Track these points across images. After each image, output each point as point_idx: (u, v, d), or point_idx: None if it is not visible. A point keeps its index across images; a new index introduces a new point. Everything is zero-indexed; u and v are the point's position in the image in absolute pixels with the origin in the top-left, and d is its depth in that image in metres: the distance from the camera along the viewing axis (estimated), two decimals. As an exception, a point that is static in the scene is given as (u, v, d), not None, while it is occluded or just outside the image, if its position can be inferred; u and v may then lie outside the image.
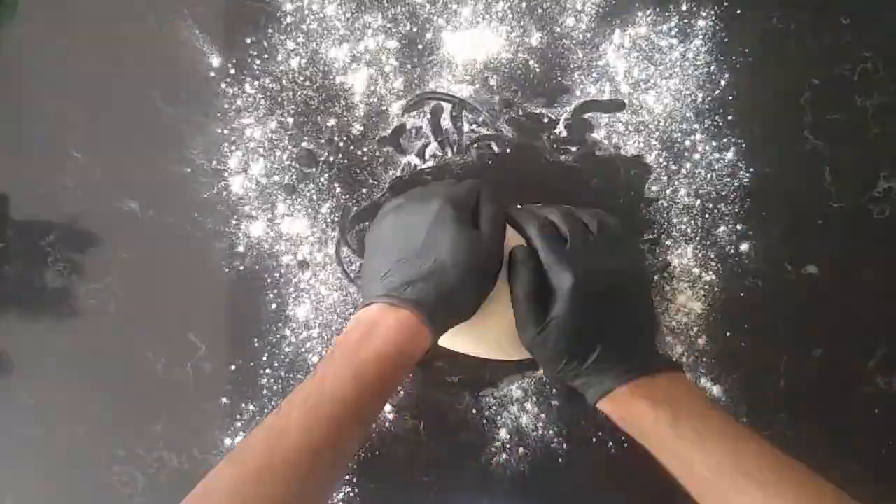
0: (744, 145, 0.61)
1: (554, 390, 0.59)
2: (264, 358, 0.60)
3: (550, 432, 0.59)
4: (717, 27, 0.62)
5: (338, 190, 0.62)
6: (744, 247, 0.60)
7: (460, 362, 0.59)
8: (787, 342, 0.59)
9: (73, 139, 0.63)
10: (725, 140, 0.61)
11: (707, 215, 0.61)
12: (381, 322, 0.44)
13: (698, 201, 0.61)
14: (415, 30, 0.62)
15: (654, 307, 0.53)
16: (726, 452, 0.42)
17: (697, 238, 0.60)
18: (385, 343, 0.44)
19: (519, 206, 0.55)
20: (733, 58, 0.62)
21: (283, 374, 0.60)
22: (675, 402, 0.45)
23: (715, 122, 0.61)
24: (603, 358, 0.47)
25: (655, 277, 0.60)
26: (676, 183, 0.61)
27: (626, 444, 0.58)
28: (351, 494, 0.59)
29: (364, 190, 0.62)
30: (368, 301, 0.46)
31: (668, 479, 0.58)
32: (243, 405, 0.60)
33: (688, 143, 0.61)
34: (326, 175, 0.62)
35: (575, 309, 0.46)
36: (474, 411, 0.59)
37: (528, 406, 0.59)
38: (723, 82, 0.61)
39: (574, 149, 0.61)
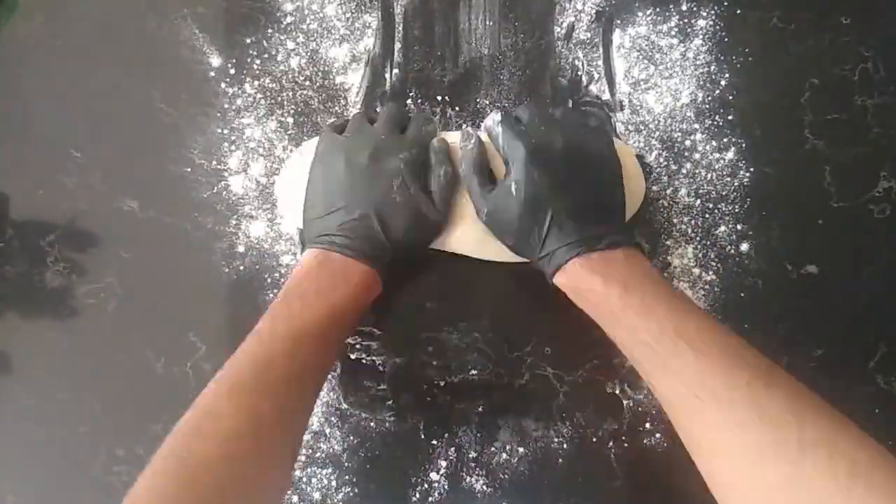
0: (744, 145, 0.61)
1: (555, 391, 0.59)
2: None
3: (550, 432, 0.59)
4: (718, 27, 0.62)
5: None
6: (744, 247, 0.60)
7: (461, 362, 0.59)
8: (788, 342, 0.59)
9: (73, 139, 0.63)
10: (726, 140, 0.61)
11: (707, 215, 0.60)
12: (345, 271, 0.49)
13: (698, 201, 0.61)
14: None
15: (622, 190, 0.52)
16: (669, 321, 0.42)
17: (698, 238, 0.60)
18: (351, 290, 0.49)
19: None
20: (733, 58, 0.62)
21: (283, 374, 0.60)
22: (627, 276, 0.46)
23: (715, 122, 0.61)
24: (558, 229, 0.48)
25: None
26: (676, 183, 0.61)
27: (626, 444, 0.58)
28: (351, 494, 0.59)
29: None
30: (322, 245, 0.50)
31: (668, 480, 0.58)
32: (243, 405, 0.60)
33: (688, 142, 0.61)
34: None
35: (527, 174, 0.48)
36: (475, 411, 0.59)
37: (529, 406, 0.59)
38: (723, 82, 0.61)
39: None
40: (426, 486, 0.58)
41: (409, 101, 0.63)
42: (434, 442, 0.59)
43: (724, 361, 0.39)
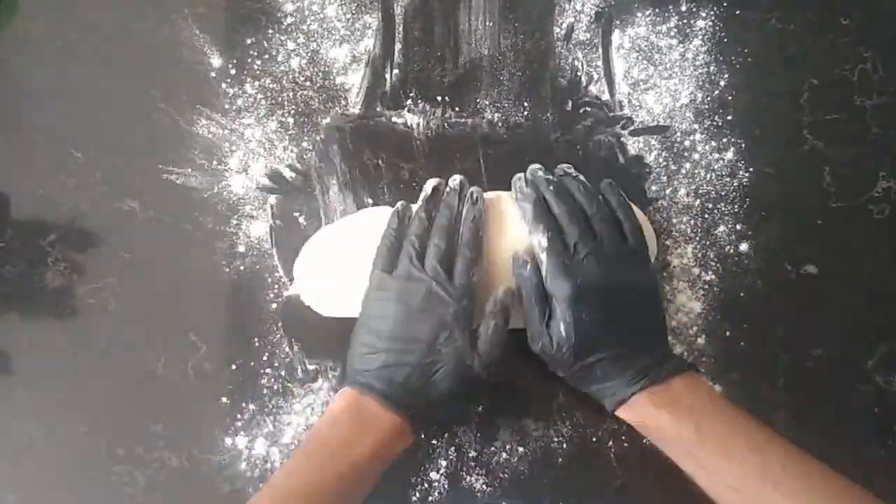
0: (743, 145, 0.61)
1: (555, 390, 0.59)
2: (265, 358, 0.60)
3: (551, 432, 0.59)
4: (717, 27, 0.62)
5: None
6: (743, 247, 0.60)
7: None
8: (787, 342, 0.59)
9: (73, 139, 0.63)
10: (725, 140, 0.61)
11: (707, 215, 0.61)
12: (374, 422, 0.47)
13: (698, 201, 0.61)
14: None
15: (663, 312, 0.52)
16: (752, 462, 0.42)
17: (697, 238, 0.60)
18: (377, 444, 0.46)
19: (526, 177, 0.53)
20: (732, 58, 0.62)
21: (283, 373, 0.60)
22: (696, 409, 0.45)
23: (714, 122, 0.61)
24: (611, 364, 0.47)
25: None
26: (676, 183, 0.61)
27: (626, 444, 0.58)
28: None
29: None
30: (356, 385, 0.48)
31: (669, 480, 0.58)
32: (244, 405, 0.60)
33: (687, 143, 0.61)
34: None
35: (576, 316, 0.47)
36: (475, 411, 0.59)
37: (529, 405, 0.59)
38: (722, 82, 0.62)
39: (578, 150, 0.61)
40: (426, 485, 0.58)
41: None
42: (434, 441, 0.59)
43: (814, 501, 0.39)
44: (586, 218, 0.50)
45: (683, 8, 0.62)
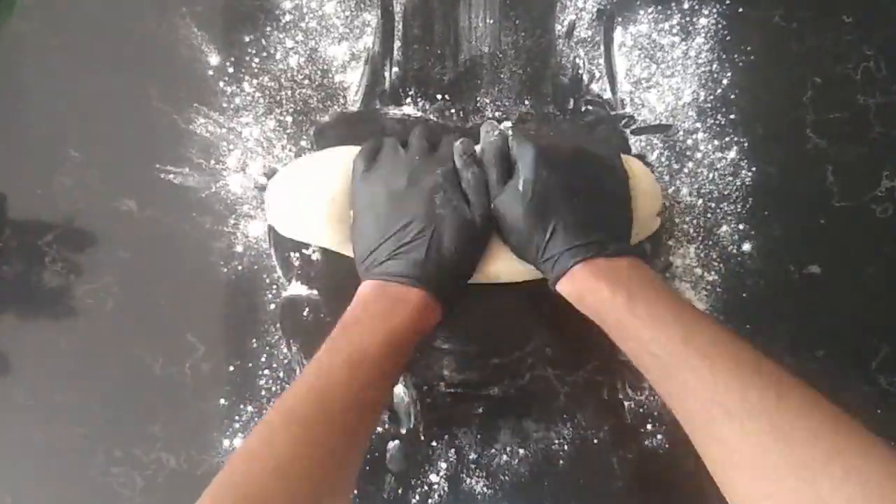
0: (746, 144, 0.60)
1: (555, 392, 0.59)
2: (263, 359, 0.60)
3: (551, 433, 0.59)
4: (719, 25, 0.62)
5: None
6: (746, 246, 0.60)
7: (461, 363, 0.59)
8: (790, 342, 0.59)
9: (70, 138, 0.62)
10: (727, 139, 0.61)
11: (709, 215, 0.60)
12: (402, 297, 0.48)
13: (700, 201, 0.60)
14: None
15: (629, 206, 0.52)
16: (680, 331, 0.41)
17: (700, 238, 0.60)
18: (410, 315, 0.47)
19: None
20: (735, 56, 0.61)
21: (281, 374, 0.60)
22: (633, 284, 0.45)
23: (717, 121, 0.61)
24: (562, 232, 0.48)
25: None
26: (678, 182, 0.61)
27: (627, 446, 0.58)
28: (350, 495, 0.58)
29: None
30: (380, 276, 0.49)
31: (670, 481, 0.58)
32: (242, 406, 0.59)
33: (690, 142, 0.61)
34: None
35: (536, 173, 0.48)
36: (475, 412, 0.59)
37: (529, 407, 0.59)
38: (725, 81, 0.61)
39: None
40: (426, 487, 0.58)
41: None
42: (434, 443, 0.59)
43: (735, 374, 0.38)
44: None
45: (686, 6, 0.62)
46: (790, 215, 0.60)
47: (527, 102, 0.62)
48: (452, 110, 0.62)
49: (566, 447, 0.58)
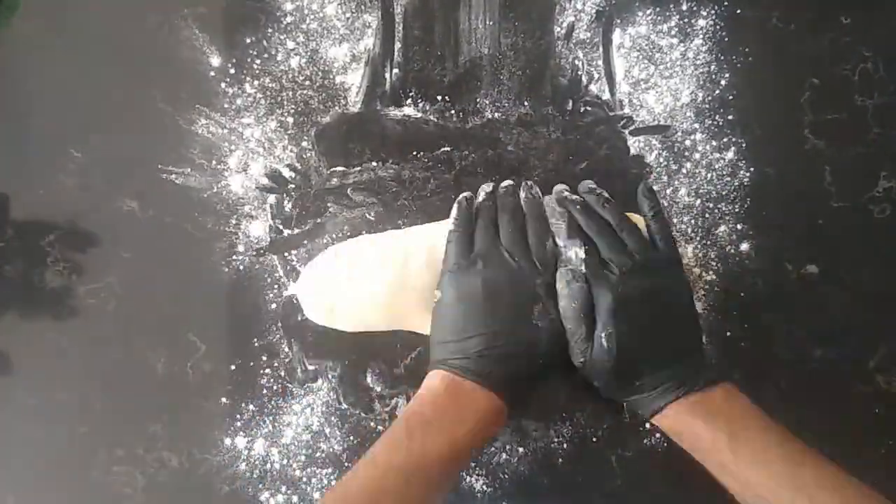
0: (744, 145, 0.61)
1: (555, 391, 0.59)
2: (264, 358, 0.60)
3: (551, 433, 0.59)
4: (718, 27, 0.62)
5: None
6: (744, 246, 0.60)
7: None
8: (788, 342, 0.59)
9: (72, 139, 0.63)
10: (726, 140, 0.61)
11: (707, 215, 0.60)
12: (472, 401, 0.46)
13: (698, 201, 0.61)
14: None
15: (698, 317, 0.51)
16: (785, 474, 0.41)
17: (698, 238, 0.60)
18: (476, 423, 0.46)
19: (558, 198, 0.53)
20: (733, 57, 0.62)
21: (282, 373, 0.60)
22: (732, 419, 0.44)
23: (715, 122, 0.61)
24: (651, 376, 0.47)
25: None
26: (677, 182, 0.61)
27: (626, 445, 0.58)
28: None
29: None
30: (451, 367, 0.47)
31: (669, 480, 0.58)
32: (243, 405, 0.60)
33: (688, 142, 0.61)
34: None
35: (618, 328, 0.46)
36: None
37: (529, 407, 0.59)
38: (723, 82, 0.61)
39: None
40: (426, 486, 0.58)
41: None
42: (434, 442, 0.59)
43: None
44: (614, 232, 0.50)
45: (684, 7, 0.62)
46: (788, 215, 0.60)
47: (526, 103, 0.62)
48: (452, 111, 0.62)
49: (565, 446, 0.58)
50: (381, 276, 0.52)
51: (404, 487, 0.43)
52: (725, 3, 0.62)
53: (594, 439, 0.59)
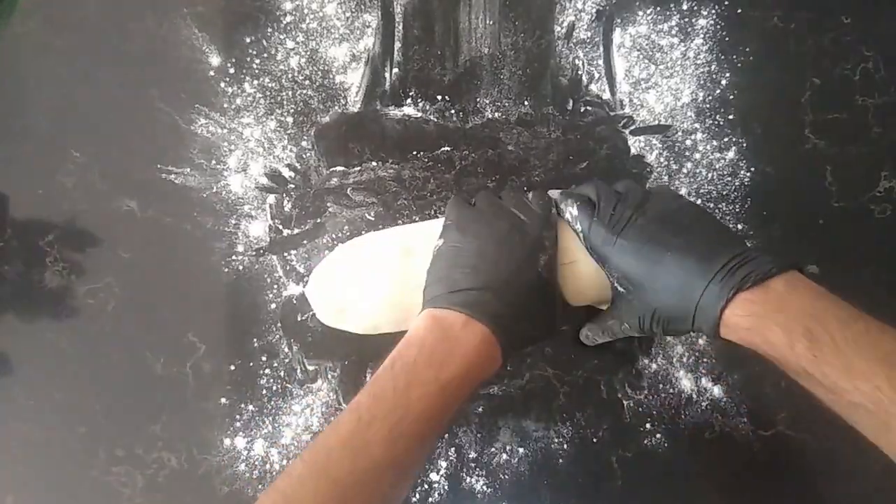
0: (745, 145, 0.61)
1: (555, 391, 0.59)
2: (264, 358, 0.60)
3: (551, 433, 0.59)
4: (718, 26, 0.62)
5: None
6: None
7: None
8: (788, 342, 0.59)
9: (72, 139, 0.63)
10: (726, 139, 0.61)
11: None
12: (461, 337, 0.43)
13: (699, 201, 0.60)
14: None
15: (725, 225, 0.48)
16: (880, 375, 0.35)
17: (698, 238, 0.60)
18: (467, 363, 0.43)
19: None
20: (734, 57, 0.61)
21: (282, 374, 0.60)
22: (806, 316, 0.38)
23: (716, 122, 0.61)
24: (684, 269, 0.41)
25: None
26: (677, 182, 0.61)
27: (626, 445, 0.58)
28: (351, 495, 0.58)
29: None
30: (441, 304, 0.45)
31: (669, 480, 0.58)
32: (243, 405, 0.60)
33: (689, 142, 0.61)
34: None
35: (634, 257, 0.44)
36: (475, 411, 0.59)
37: (529, 406, 0.59)
38: (724, 81, 0.61)
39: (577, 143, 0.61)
40: (426, 486, 0.58)
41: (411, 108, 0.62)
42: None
43: None
44: (602, 183, 0.50)
45: (685, 6, 0.62)
46: (789, 215, 0.60)
47: (526, 103, 0.62)
48: (452, 111, 0.62)
49: (566, 446, 0.58)
50: (387, 276, 0.52)
51: (389, 438, 0.39)
52: (726, 3, 0.62)
53: (594, 439, 0.58)
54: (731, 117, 0.61)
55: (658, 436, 0.58)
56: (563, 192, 0.51)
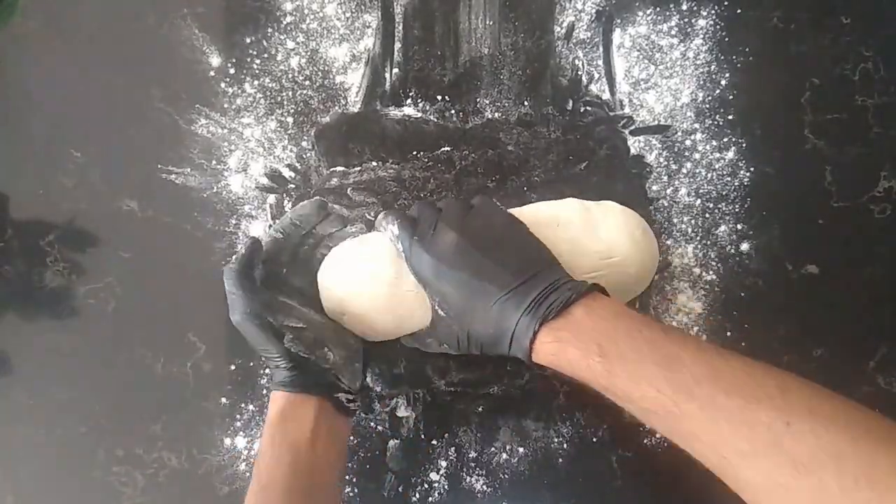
0: (744, 145, 0.61)
1: (555, 391, 0.59)
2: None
3: (551, 433, 0.59)
4: (718, 26, 0.62)
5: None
6: (744, 246, 0.60)
7: (461, 362, 0.59)
8: (788, 342, 0.59)
9: (72, 139, 0.63)
10: (726, 139, 0.61)
11: (707, 215, 0.60)
12: (300, 413, 0.49)
13: (699, 201, 0.61)
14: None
15: (537, 240, 0.47)
16: (662, 379, 0.37)
17: (698, 238, 0.60)
18: (308, 432, 0.48)
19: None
20: (734, 57, 0.62)
21: (282, 373, 0.60)
22: (599, 335, 0.40)
23: (715, 122, 0.61)
24: (502, 306, 0.43)
25: (655, 277, 0.60)
26: (677, 182, 0.61)
27: (626, 445, 0.58)
28: (351, 494, 0.59)
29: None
30: (280, 383, 0.50)
31: (669, 480, 0.58)
32: (243, 405, 0.60)
33: (688, 142, 0.61)
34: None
35: (448, 282, 0.46)
36: (475, 411, 0.59)
37: (529, 406, 0.59)
38: (723, 82, 0.61)
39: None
40: (426, 486, 0.58)
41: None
42: (434, 442, 0.59)
43: (736, 413, 0.35)
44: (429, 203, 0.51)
45: (684, 7, 0.62)
46: (788, 215, 0.60)
47: (526, 103, 0.62)
48: (452, 111, 0.62)
49: (565, 446, 0.58)
50: (379, 281, 0.52)
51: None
52: (726, 3, 0.62)
53: (594, 439, 0.58)
54: (730, 117, 0.61)
55: (658, 435, 0.58)
56: (388, 211, 0.52)
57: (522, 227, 0.48)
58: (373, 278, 0.51)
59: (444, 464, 0.59)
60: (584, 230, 0.50)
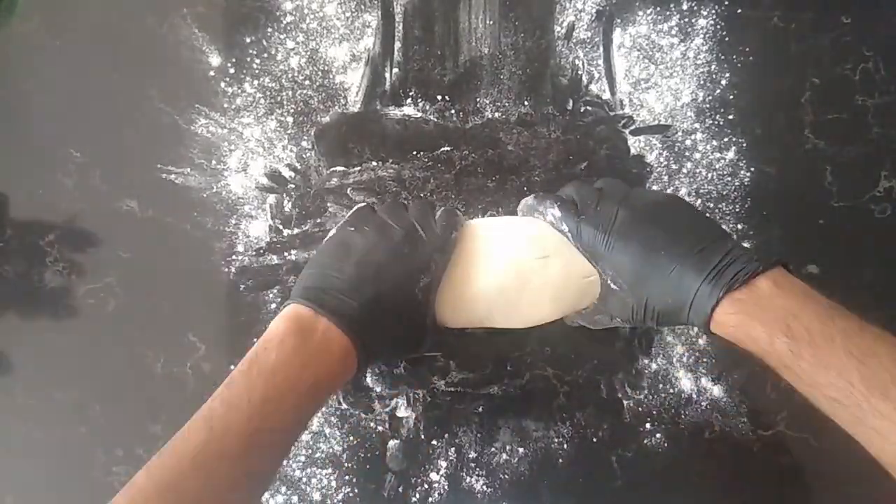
0: (745, 145, 0.61)
1: (555, 391, 0.59)
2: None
3: (551, 432, 0.59)
4: (718, 26, 0.62)
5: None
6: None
7: (461, 362, 0.59)
8: (788, 342, 0.59)
9: (72, 139, 0.63)
10: (726, 139, 0.61)
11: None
12: (321, 346, 0.43)
13: (699, 201, 0.61)
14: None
15: (705, 214, 0.48)
16: (854, 371, 0.36)
17: (698, 238, 0.60)
18: (325, 372, 0.42)
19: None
20: (734, 57, 0.62)
21: (282, 374, 0.60)
22: (788, 315, 0.39)
23: (716, 122, 0.61)
24: (680, 273, 0.42)
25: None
26: (677, 182, 0.61)
27: (626, 445, 0.58)
28: (351, 494, 0.59)
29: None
30: (308, 301, 0.44)
31: (668, 480, 0.58)
32: (243, 405, 0.60)
33: (688, 142, 0.61)
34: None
35: (622, 254, 0.45)
36: (475, 411, 0.59)
37: (529, 406, 0.59)
38: (723, 81, 0.61)
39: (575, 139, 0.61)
40: (426, 486, 0.58)
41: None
42: (434, 442, 0.59)
43: None
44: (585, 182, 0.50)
45: (685, 7, 0.62)
46: (789, 215, 0.60)
47: (526, 103, 0.62)
48: (452, 111, 0.62)
49: (566, 446, 0.58)
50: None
51: (244, 450, 0.38)
52: (726, 3, 0.62)
53: (594, 439, 0.58)
54: (730, 117, 0.61)
55: (658, 436, 0.58)
56: (540, 195, 0.51)
57: (685, 201, 0.48)
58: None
59: (444, 464, 0.59)
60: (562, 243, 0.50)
